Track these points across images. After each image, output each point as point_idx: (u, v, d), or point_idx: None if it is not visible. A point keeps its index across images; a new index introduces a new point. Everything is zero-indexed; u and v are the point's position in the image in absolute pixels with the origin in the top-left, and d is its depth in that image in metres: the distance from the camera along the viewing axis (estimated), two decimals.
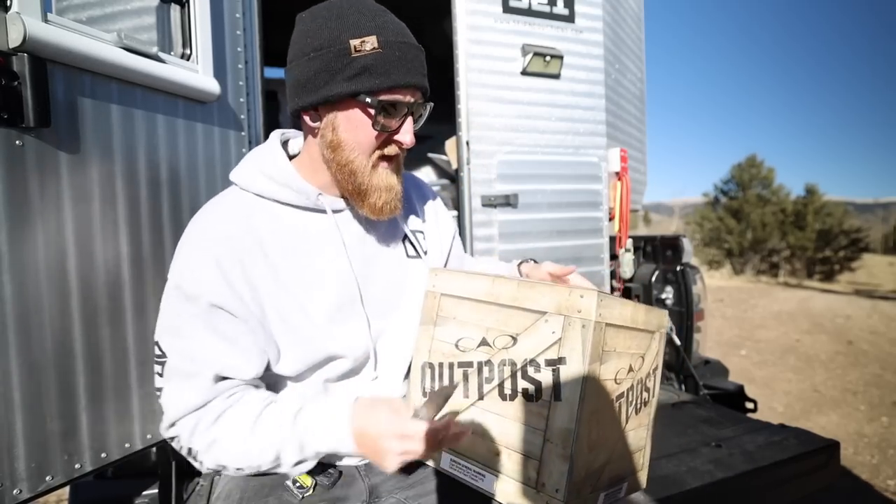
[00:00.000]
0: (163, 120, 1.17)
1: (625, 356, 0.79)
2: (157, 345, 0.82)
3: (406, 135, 0.85)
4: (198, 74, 1.26)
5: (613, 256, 2.46)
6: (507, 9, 2.09)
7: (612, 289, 2.46)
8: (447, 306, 0.86)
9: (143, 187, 1.12)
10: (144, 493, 1.32)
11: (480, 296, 0.82)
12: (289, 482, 0.86)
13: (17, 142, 0.87)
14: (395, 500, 0.86)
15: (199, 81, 1.25)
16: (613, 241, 2.43)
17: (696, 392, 2.30)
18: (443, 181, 2.91)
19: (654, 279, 2.55)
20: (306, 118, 0.87)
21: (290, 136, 0.99)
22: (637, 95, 2.94)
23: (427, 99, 0.89)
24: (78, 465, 0.99)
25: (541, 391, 0.74)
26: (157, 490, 1.31)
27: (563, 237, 2.24)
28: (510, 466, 0.78)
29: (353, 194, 0.88)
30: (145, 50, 1.09)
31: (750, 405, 2.25)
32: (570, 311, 0.72)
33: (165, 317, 0.83)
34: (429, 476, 0.91)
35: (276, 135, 0.96)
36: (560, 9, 2.19)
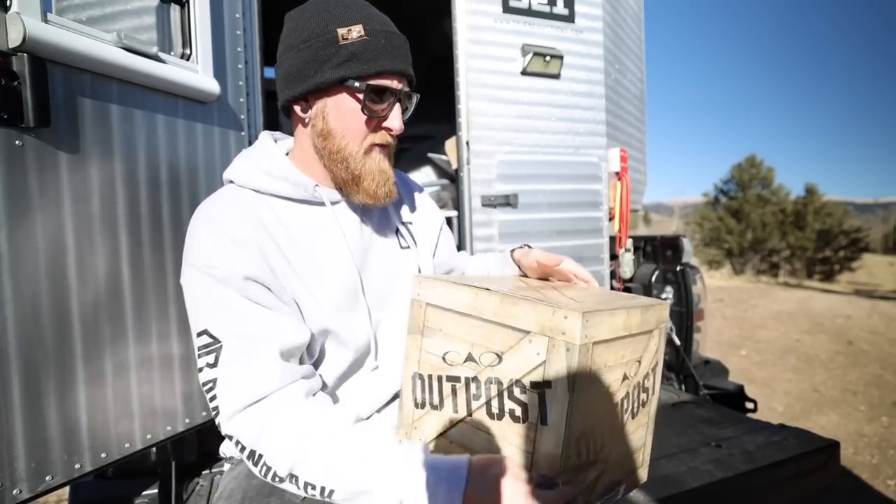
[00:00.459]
0: (163, 120, 1.17)
1: (617, 367, 0.75)
2: (204, 333, 0.77)
3: (395, 120, 0.86)
4: (198, 74, 1.26)
5: (613, 256, 2.46)
6: (507, 9, 2.09)
7: (612, 288, 2.46)
8: (433, 317, 0.83)
9: (143, 187, 1.12)
10: (144, 493, 1.32)
11: (464, 308, 0.78)
12: None
13: (17, 142, 0.87)
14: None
15: (199, 81, 1.25)
16: (613, 241, 2.44)
17: (696, 392, 2.30)
18: (443, 181, 2.90)
19: (654, 279, 2.55)
20: (297, 109, 0.88)
21: (278, 137, 0.99)
22: (637, 95, 2.94)
23: (413, 89, 0.91)
24: (78, 465, 0.99)
25: (527, 413, 0.71)
26: (157, 490, 1.31)
27: (563, 237, 2.24)
28: None
29: (347, 182, 0.88)
30: (145, 50, 1.10)
31: (750, 405, 2.25)
32: (555, 332, 0.68)
33: (204, 309, 0.78)
34: None
35: (265, 134, 0.96)
36: (560, 9, 2.19)
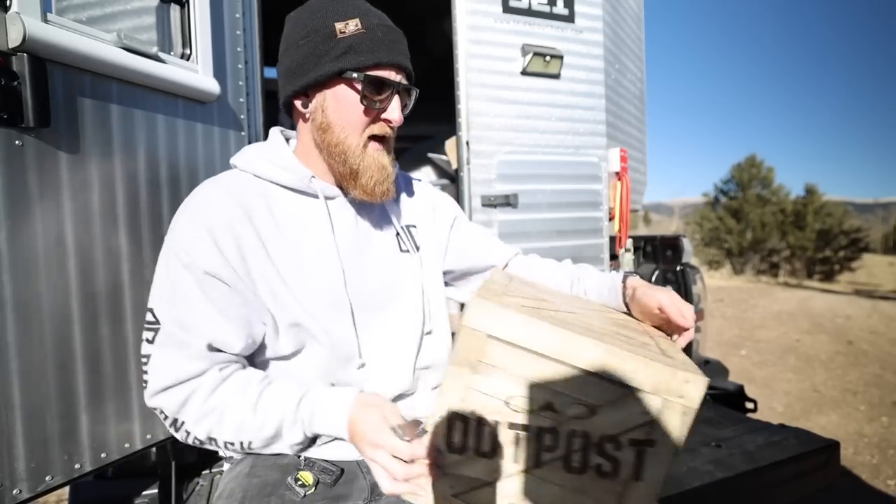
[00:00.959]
0: (162, 120, 1.17)
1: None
2: (150, 311, 0.82)
3: (394, 112, 0.87)
4: (198, 74, 1.26)
5: (613, 256, 2.46)
6: (507, 9, 2.09)
7: None
8: (495, 353, 0.71)
9: (143, 187, 1.12)
10: (144, 493, 1.32)
11: (549, 352, 0.70)
12: (290, 480, 0.85)
13: (17, 142, 0.87)
14: (396, 498, 0.86)
15: (199, 81, 1.26)
16: (613, 241, 2.43)
17: None
18: (443, 181, 2.90)
19: (654, 279, 2.55)
20: (297, 104, 0.90)
21: (289, 136, 1.00)
22: (637, 95, 2.94)
23: (412, 83, 0.91)
24: (78, 465, 0.99)
25: (619, 469, 0.69)
26: (157, 490, 1.31)
27: (563, 237, 2.24)
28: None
29: (344, 176, 0.89)
30: (145, 50, 1.10)
31: (750, 405, 2.26)
32: (671, 394, 0.66)
33: (161, 285, 0.83)
34: None
35: (276, 129, 0.98)
36: (560, 9, 2.19)
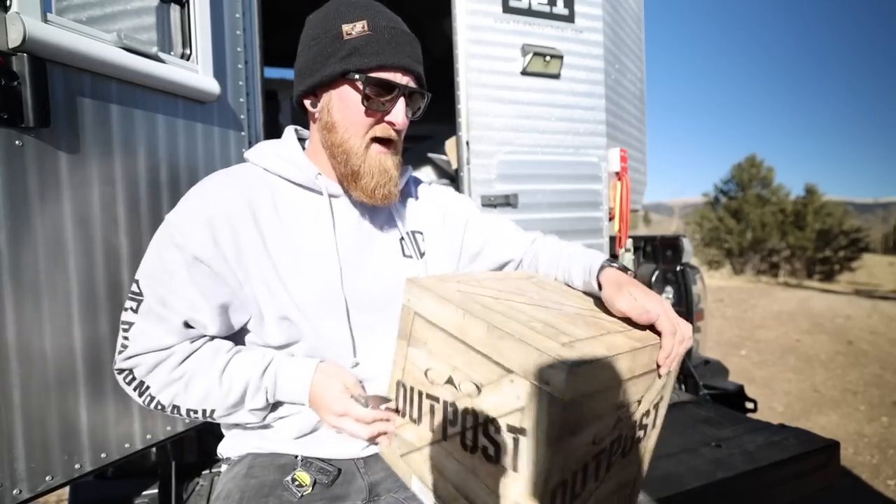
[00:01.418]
0: (162, 120, 1.17)
1: (609, 414, 0.68)
2: (136, 282, 0.83)
3: (398, 115, 0.87)
4: (198, 74, 1.26)
5: (613, 256, 2.46)
6: (507, 9, 2.09)
7: None
8: (420, 328, 0.78)
9: (143, 187, 1.12)
10: (144, 493, 1.32)
11: (450, 328, 0.73)
12: (288, 480, 0.86)
13: (17, 142, 0.87)
14: (394, 499, 0.86)
15: (199, 81, 1.26)
16: (613, 241, 2.43)
17: (696, 392, 2.30)
18: (443, 181, 2.90)
19: (654, 279, 2.55)
20: (307, 104, 0.92)
21: (303, 135, 1.01)
22: (637, 95, 2.94)
23: (422, 87, 0.91)
24: (78, 465, 0.99)
25: (500, 455, 0.67)
26: (157, 490, 1.31)
27: (563, 237, 2.22)
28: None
29: (346, 177, 0.89)
30: (145, 50, 1.10)
31: (750, 405, 2.26)
32: (539, 380, 0.61)
33: (151, 259, 0.84)
34: None
35: (291, 128, 1.00)
36: (560, 9, 2.19)
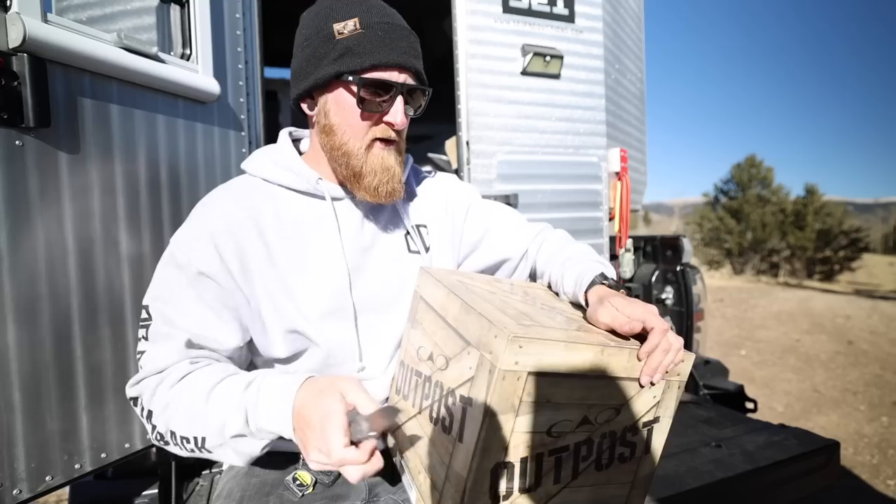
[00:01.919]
0: (163, 120, 1.17)
1: (570, 407, 0.67)
2: (145, 308, 0.82)
3: (396, 114, 0.84)
4: (198, 74, 1.26)
5: (613, 256, 2.46)
6: (507, 9, 2.09)
7: None
8: (421, 311, 0.82)
9: (143, 187, 1.12)
10: (144, 493, 1.32)
11: (438, 308, 0.76)
12: (289, 480, 0.86)
13: (17, 142, 0.87)
14: (393, 499, 0.86)
15: (199, 81, 1.26)
16: (613, 241, 2.44)
17: (696, 392, 2.30)
18: None
19: (654, 279, 2.55)
20: (304, 107, 0.90)
21: (299, 136, 1.00)
22: (637, 95, 2.94)
23: (422, 83, 0.87)
24: (78, 465, 0.99)
25: (452, 426, 0.68)
26: (157, 490, 1.31)
27: None
28: (424, 489, 0.75)
29: (348, 178, 0.88)
30: (145, 50, 1.10)
31: (750, 405, 2.25)
32: (485, 349, 0.61)
33: (156, 283, 0.83)
34: None
35: (284, 131, 0.98)
36: (560, 9, 2.19)
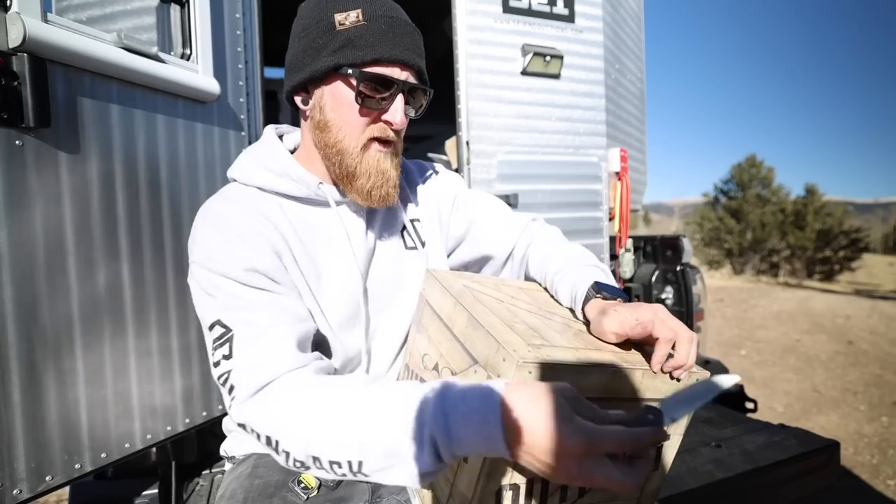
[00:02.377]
0: (162, 120, 1.17)
1: None
2: (217, 325, 0.73)
3: (395, 113, 0.79)
4: (198, 74, 1.26)
5: (613, 256, 2.46)
6: (507, 9, 2.09)
7: None
8: (427, 315, 0.81)
9: (143, 187, 1.12)
10: (144, 493, 1.32)
11: (444, 317, 0.74)
12: (292, 482, 0.84)
13: (17, 142, 0.87)
14: (396, 500, 0.85)
15: (199, 81, 1.25)
16: (613, 241, 2.43)
17: None
18: None
19: (654, 279, 2.55)
20: (298, 101, 0.85)
21: (284, 132, 0.95)
22: (637, 95, 2.94)
23: (424, 82, 0.84)
24: (78, 465, 0.99)
25: None
26: (157, 490, 1.31)
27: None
28: (427, 502, 0.75)
29: (341, 178, 0.84)
30: (145, 50, 1.09)
31: (750, 405, 2.25)
32: (493, 371, 0.59)
33: (211, 301, 0.75)
34: None
35: (270, 129, 0.93)
36: (560, 9, 2.19)
